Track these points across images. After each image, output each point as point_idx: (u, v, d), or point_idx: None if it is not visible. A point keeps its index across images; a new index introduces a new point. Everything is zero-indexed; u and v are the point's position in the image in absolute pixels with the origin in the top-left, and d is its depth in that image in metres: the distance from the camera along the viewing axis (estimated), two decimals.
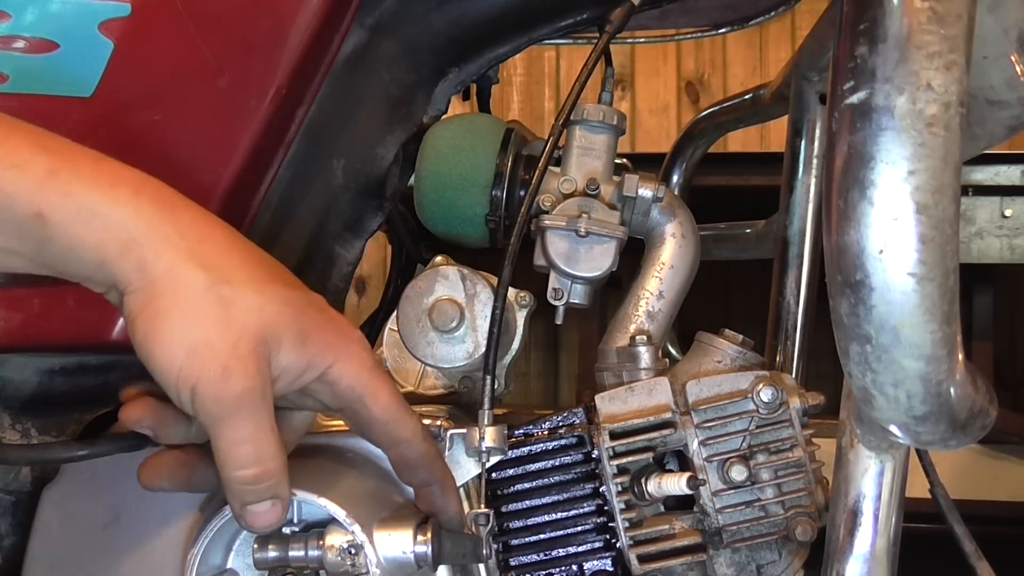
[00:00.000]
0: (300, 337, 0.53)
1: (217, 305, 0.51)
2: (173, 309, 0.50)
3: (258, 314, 0.52)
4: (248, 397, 0.51)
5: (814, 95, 0.87)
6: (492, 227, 0.81)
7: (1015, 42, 0.59)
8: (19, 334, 0.70)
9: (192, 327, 0.50)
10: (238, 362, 0.50)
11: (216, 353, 0.50)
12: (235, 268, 0.52)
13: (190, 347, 0.50)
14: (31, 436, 0.76)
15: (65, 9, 0.65)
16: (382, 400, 0.58)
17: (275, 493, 0.54)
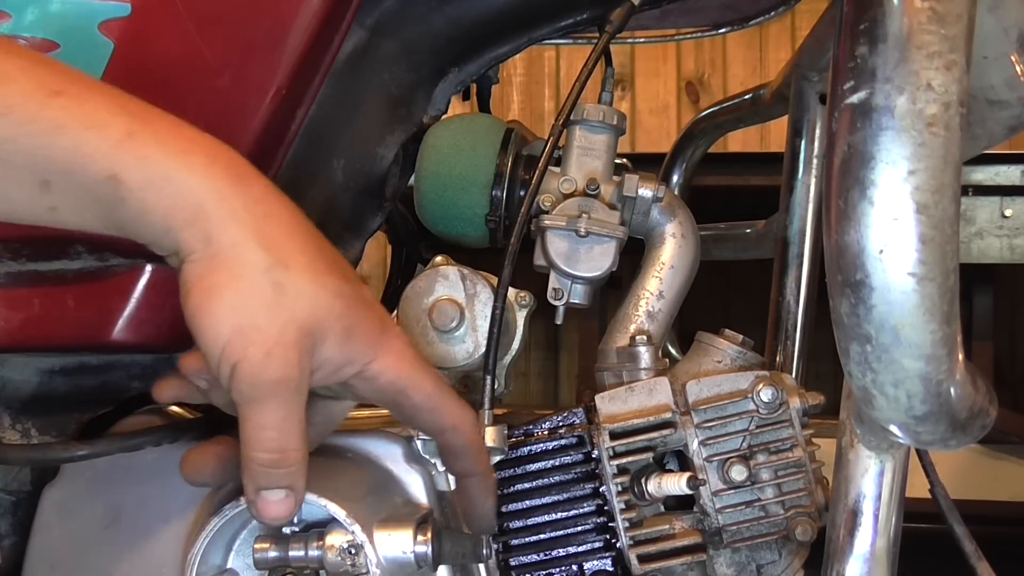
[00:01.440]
0: (346, 332, 0.54)
1: (272, 288, 0.51)
2: (229, 285, 0.51)
3: (310, 304, 0.52)
4: (283, 385, 0.51)
5: (814, 95, 0.87)
6: (492, 227, 0.81)
7: (1015, 42, 0.59)
8: (19, 334, 0.70)
9: (244, 306, 0.51)
10: (281, 349, 0.51)
11: (262, 336, 0.50)
12: (295, 252, 0.53)
13: (238, 326, 0.50)
14: (31, 436, 0.76)
15: (65, 9, 0.65)
16: (425, 389, 0.58)
17: (291, 483, 0.54)
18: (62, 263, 0.71)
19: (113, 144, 0.50)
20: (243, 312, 0.50)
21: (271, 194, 0.54)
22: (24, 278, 0.71)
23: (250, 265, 0.51)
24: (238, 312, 0.50)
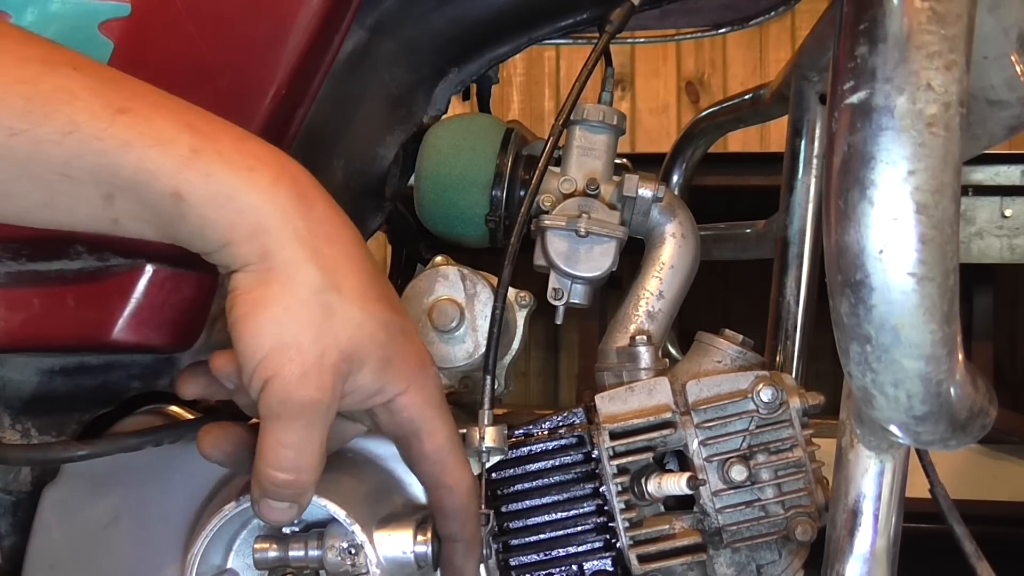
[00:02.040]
0: (383, 362, 0.54)
1: (320, 309, 0.51)
2: (278, 300, 0.51)
3: (355, 331, 0.52)
4: (312, 408, 0.51)
5: (814, 95, 0.87)
6: (492, 227, 0.81)
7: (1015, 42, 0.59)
8: (19, 334, 0.70)
9: (289, 324, 0.51)
10: (318, 371, 0.51)
11: (302, 356, 0.51)
12: (349, 276, 0.53)
13: (280, 342, 0.51)
14: (31, 436, 0.76)
15: (65, 9, 0.65)
16: (437, 439, 0.58)
17: (297, 500, 0.55)
18: (62, 263, 0.71)
19: (178, 162, 0.50)
20: (288, 329, 0.51)
21: (333, 215, 0.55)
22: (24, 278, 0.71)
23: (303, 284, 0.51)
24: (283, 328, 0.51)
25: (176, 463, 0.68)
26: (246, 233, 0.51)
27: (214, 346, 0.77)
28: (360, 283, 0.54)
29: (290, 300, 0.51)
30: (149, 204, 0.51)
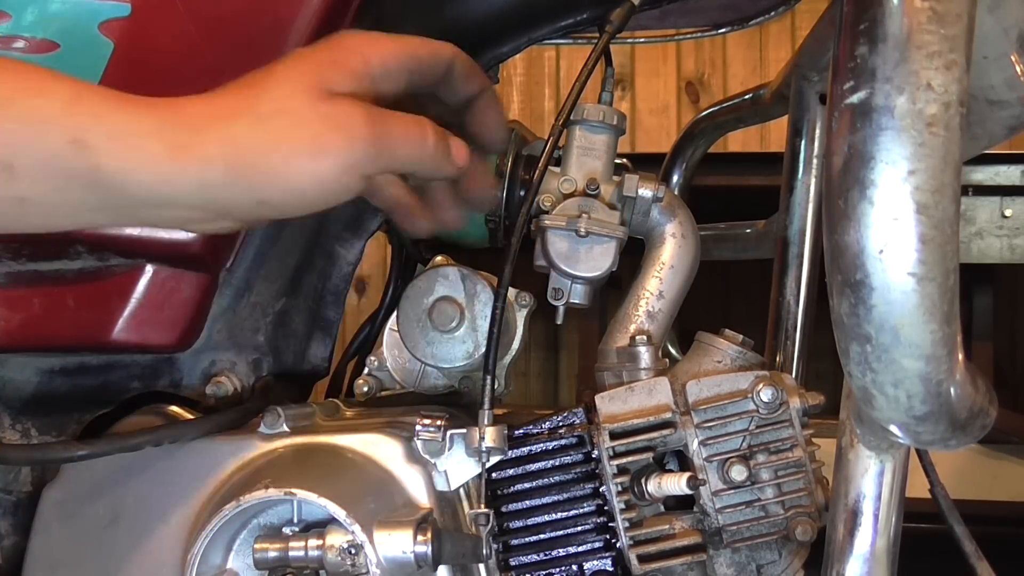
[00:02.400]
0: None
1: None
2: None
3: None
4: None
5: (814, 95, 0.87)
6: (492, 227, 0.81)
7: (1015, 42, 0.59)
8: (19, 334, 0.70)
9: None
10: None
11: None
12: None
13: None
14: (31, 436, 0.76)
15: (65, 9, 0.66)
16: (412, 44, 0.59)
17: None
18: (62, 263, 0.71)
19: (63, 107, 0.49)
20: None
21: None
22: (24, 278, 0.71)
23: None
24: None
25: (176, 463, 0.68)
26: (173, 157, 0.50)
27: (214, 346, 0.77)
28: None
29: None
30: (49, 165, 0.48)
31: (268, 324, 0.80)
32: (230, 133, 0.52)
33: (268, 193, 0.53)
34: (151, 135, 0.50)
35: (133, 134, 0.50)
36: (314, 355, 0.89)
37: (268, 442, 0.68)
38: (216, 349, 0.77)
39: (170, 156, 0.50)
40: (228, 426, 0.70)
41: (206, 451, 0.68)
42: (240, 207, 0.54)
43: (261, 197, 0.53)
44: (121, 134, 0.50)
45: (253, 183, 0.52)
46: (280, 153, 0.52)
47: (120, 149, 0.50)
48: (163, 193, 0.51)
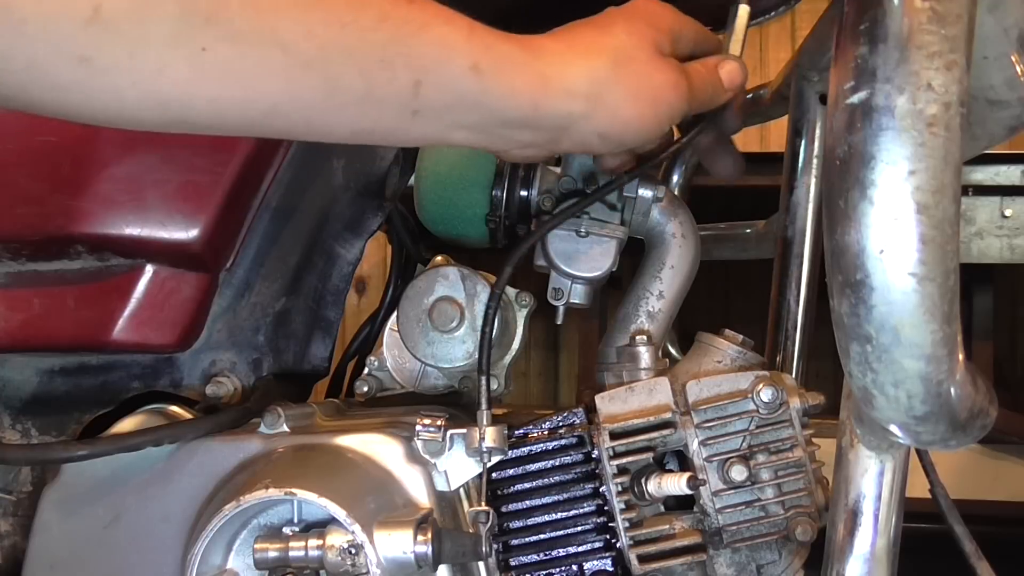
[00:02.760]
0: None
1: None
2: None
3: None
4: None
5: (814, 95, 0.87)
6: (492, 227, 0.81)
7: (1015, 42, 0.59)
8: (19, 334, 0.70)
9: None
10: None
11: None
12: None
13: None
14: (31, 436, 0.76)
15: None
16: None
17: None
18: (62, 263, 0.71)
19: (464, 35, 0.55)
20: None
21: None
22: (24, 278, 0.71)
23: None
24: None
25: (176, 463, 0.69)
26: (543, 87, 0.57)
27: (214, 346, 0.77)
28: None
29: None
30: (450, 86, 0.54)
31: (268, 324, 0.80)
32: (592, 71, 0.59)
33: (609, 126, 0.60)
34: (527, 65, 0.57)
35: (515, 63, 0.56)
36: (314, 355, 0.89)
37: (268, 442, 0.68)
38: (216, 349, 0.77)
39: (542, 85, 0.57)
40: (228, 426, 0.70)
41: (206, 451, 0.68)
42: (581, 135, 0.60)
43: (602, 130, 0.60)
44: (507, 63, 0.56)
45: (602, 117, 0.59)
46: (631, 95, 0.60)
47: (505, 76, 0.56)
48: (530, 117, 0.58)
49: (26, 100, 0.46)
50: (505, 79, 0.56)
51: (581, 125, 0.59)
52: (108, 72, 0.45)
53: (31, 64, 0.44)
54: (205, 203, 0.70)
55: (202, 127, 0.50)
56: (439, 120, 0.56)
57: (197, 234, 0.70)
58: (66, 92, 0.46)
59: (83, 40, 0.44)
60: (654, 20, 0.63)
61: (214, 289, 0.75)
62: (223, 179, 0.70)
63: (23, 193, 0.68)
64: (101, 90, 0.46)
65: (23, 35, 0.43)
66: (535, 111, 0.57)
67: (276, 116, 0.51)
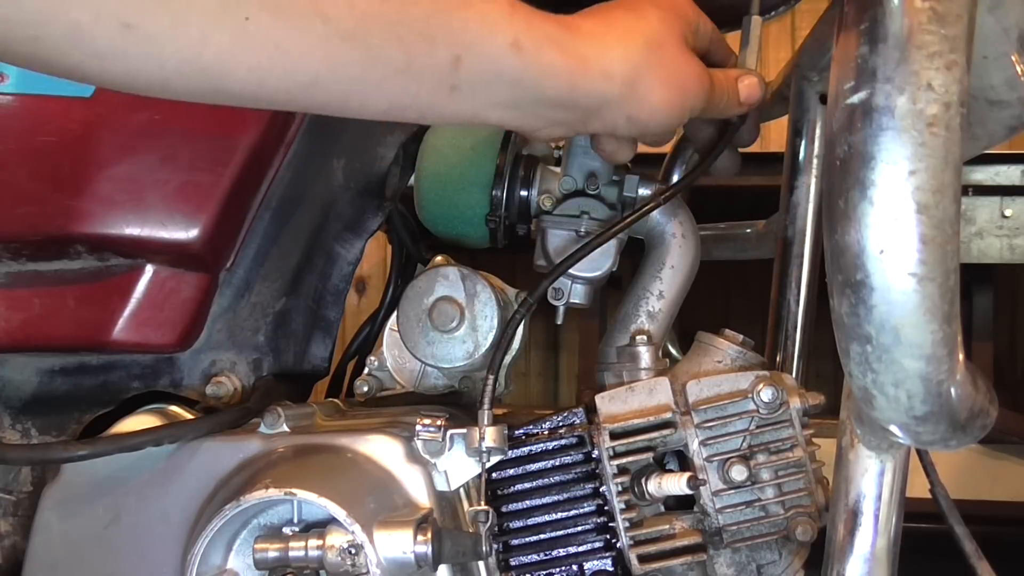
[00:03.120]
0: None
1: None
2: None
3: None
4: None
5: (814, 95, 0.87)
6: (492, 227, 0.81)
7: (1015, 42, 0.59)
8: (19, 334, 0.70)
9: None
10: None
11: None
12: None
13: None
14: (31, 436, 0.76)
15: None
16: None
17: None
18: (62, 263, 0.71)
19: (506, 13, 0.54)
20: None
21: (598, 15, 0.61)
22: (24, 278, 0.71)
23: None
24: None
25: (176, 463, 0.69)
26: (581, 68, 0.57)
27: (214, 346, 0.77)
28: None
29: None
30: (490, 62, 0.54)
31: (268, 324, 0.80)
32: (628, 55, 0.59)
33: (637, 110, 0.61)
34: (567, 44, 0.57)
35: (556, 42, 0.56)
36: (314, 355, 0.89)
37: (268, 442, 0.68)
38: (216, 349, 0.77)
39: (581, 66, 0.57)
40: (228, 426, 0.70)
41: (206, 451, 0.68)
42: (612, 117, 0.61)
43: (632, 113, 0.61)
44: (547, 42, 0.56)
45: (633, 101, 0.60)
46: (662, 81, 0.61)
47: (545, 55, 0.56)
48: (567, 97, 0.58)
49: (65, 66, 0.46)
50: (545, 58, 0.56)
51: (613, 107, 0.60)
52: (151, 39, 0.45)
53: (73, 29, 0.44)
54: (205, 203, 0.70)
55: (240, 97, 0.50)
56: (476, 97, 0.55)
57: (197, 234, 0.70)
58: (107, 59, 0.46)
59: (127, 6, 0.44)
60: (680, 10, 0.64)
61: (214, 289, 0.75)
62: (223, 179, 0.70)
63: (23, 193, 0.68)
64: (143, 57, 0.46)
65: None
66: (572, 91, 0.58)
67: (315, 88, 0.51)
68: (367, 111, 0.54)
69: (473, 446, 0.67)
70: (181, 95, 0.49)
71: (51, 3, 0.43)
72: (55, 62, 0.45)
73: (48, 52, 0.45)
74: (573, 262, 0.73)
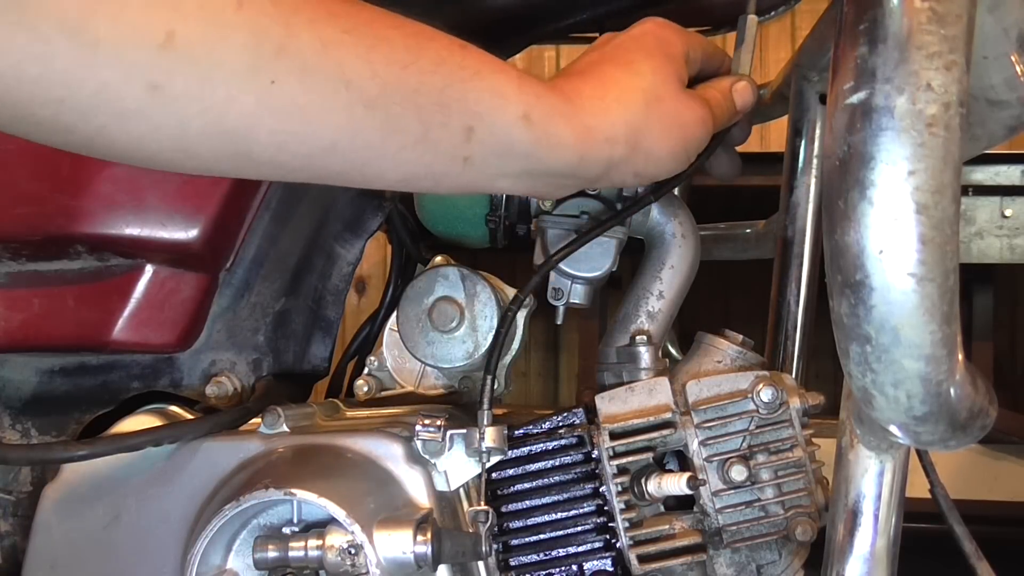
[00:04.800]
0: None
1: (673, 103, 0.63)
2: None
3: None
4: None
5: (814, 95, 0.87)
6: (492, 227, 0.81)
7: (1015, 42, 0.59)
8: (19, 334, 0.70)
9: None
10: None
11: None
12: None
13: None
14: (31, 436, 0.76)
15: None
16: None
17: None
18: (62, 263, 0.71)
19: (515, 85, 0.55)
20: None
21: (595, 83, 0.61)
22: (24, 278, 0.71)
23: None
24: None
25: (176, 463, 0.69)
26: (587, 138, 0.57)
27: (214, 346, 0.77)
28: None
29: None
30: (502, 134, 0.54)
31: (268, 324, 0.80)
32: (629, 117, 0.60)
33: (643, 167, 0.62)
34: (572, 116, 0.57)
35: (562, 115, 0.57)
36: (314, 355, 0.89)
37: (268, 442, 0.68)
38: (216, 349, 0.77)
39: (586, 136, 0.58)
40: (228, 426, 0.70)
41: (206, 451, 0.68)
42: (619, 176, 0.62)
43: (637, 170, 0.62)
44: (554, 115, 0.56)
45: (638, 159, 0.61)
46: (663, 135, 0.61)
47: (554, 128, 0.56)
48: (576, 167, 0.58)
49: (86, 131, 0.45)
50: (553, 131, 0.56)
51: (620, 167, 0.60)
52: (177, 100, 0.45)
53: (101, 89, 0.43)
54: (205, 203, 0.70)
55: (260, 162, 0.49)
56: (487, 167, 0.56)
57: (197, 234, 0.70)
58: (131, 120, 0.45)
59: (155, 66, 0.43)
60: (669, 49, 0.64)
61: (214, 289, 0.75)
62: (223, 179, 0.70)
63: (23, 193, 0.69)
64: (167, 117, 0.45)
65: (96, 58, 0.42)
66: (580, 161, 0.58)
67: (333, 154, 0.50)
68: (382, 180, 0.54)
69: (473, 446, 0.67)
70: (201, 159, 0.48)
71: (81, 63, 0.42)
72: (76, 126, 0.44)
73: (70, 115, 0.44)
74: (563, 256, 0.73)
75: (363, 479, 0.66)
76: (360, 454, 0.67)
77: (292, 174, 0.52)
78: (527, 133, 0.55)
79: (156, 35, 0.43)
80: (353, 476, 0.65)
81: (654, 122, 0.61)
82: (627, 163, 0.60)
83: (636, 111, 0.60)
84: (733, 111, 0.69)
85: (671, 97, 0.62)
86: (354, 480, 0.65)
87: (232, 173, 0.51)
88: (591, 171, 0.60)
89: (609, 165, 0.60)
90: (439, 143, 0.53)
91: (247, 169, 0.50)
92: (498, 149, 0.55)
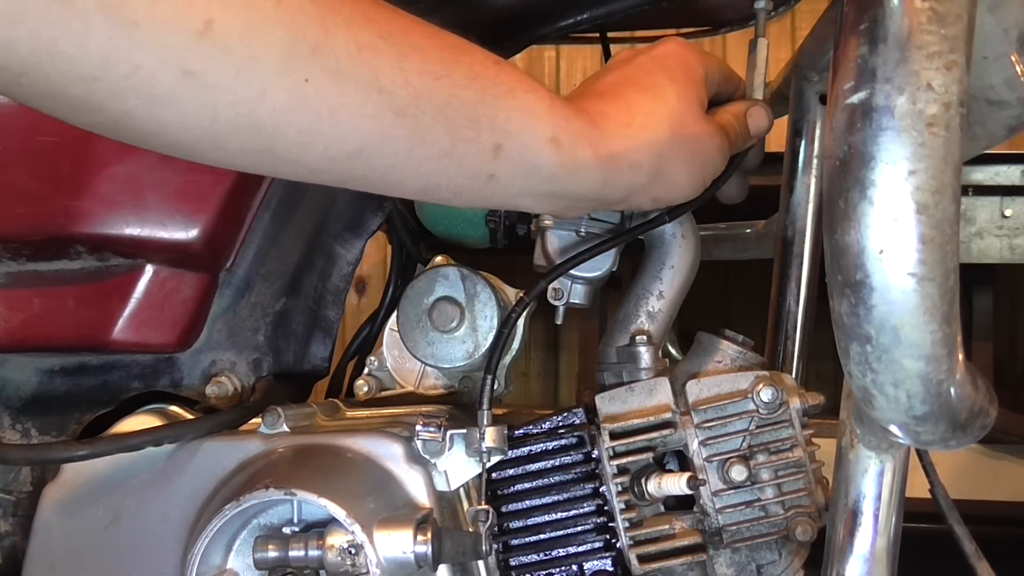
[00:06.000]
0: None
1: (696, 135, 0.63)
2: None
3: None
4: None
5: (814, 95, 0.87)
6: (492, 227, 0.81)
7: (1015, 42, 0.59)
8: (19, 334, 0.70)
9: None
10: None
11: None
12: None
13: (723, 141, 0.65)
14: (31, 436, 0.76)
15: None
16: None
17: None
18: (62, 263, 0.71)
19: (546, 106, 0.55)
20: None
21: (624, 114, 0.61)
22: (24, 278, 0.71)
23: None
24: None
25: (176, 463, 0.69)
26: (612, 164, 0.57)
27: (214, 346, 0.77)
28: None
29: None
30: (530, 154, 0.54)
31: (268, 324, 0.80)
32: (654, 143, 0.59)
33: (663, 193, 0.62)
34: (599, 142, 0.57)
35: (588, 140, 0.56)
36: (314, 355, 0.89)
37: (268, 442, 0.68)
38: (216, 349, 0.77)
39: (611, 162, 0.57)
40: (228, 426, 0.70)
41: (206, 451, 0.68)
42: (638, 200, 0.62)
43: (656, 196, 0.62)
44: (581, 139, 0.56)
45: (659, 186, 0.61)
46: (685, 163, 0.61)
47: (580, 152, 0.56)
48: (599, 192, 0.58)
49: (116, 112, 0.44)
50: (580, 156, 0.56)
51: (640, 193, 0.61)
52: (209, 89, 0.44)
53: (135, 71, 0.43)
54: (205, 203, 0.70)
55: (285, 160, 0.49)
56: (511, 186, 0.55)
57: (197, 234, 0.70)
58: (161, 105, 0.44)
59: (191, 53, 0.43)
60: (692, 73, 0.64)
61: (214, 289, 0.75)
62: (223, 179, 0.70)
63: (23, 193, 0.69)
64: (198, 106, 0.45)
65: (132, 39, 0.42)
66: (603, 186, 0.58)
67: (358, 158, 0.50)
68: (402, 188, 0.54)
69: (473, 446, 0.67)
70: (227, 151, 0.48)
71: (117, 44, 0.42)
72: (105, 107, 0.44)
73: (101, 95, 0.43)
74: (572, 265, 0.73)
75: (363, 479, 0.66)
76: (360, 454, 0.67)
77: (313, 175, 0.51)
78: (554, 156, 0.55)
79: (195, 22, 0.43)
80: (353, 476, 0.65)
81: (677, 151, 0.61)
82: (648, 189, 0.61)
83: (660, 139, 0.60)
84: (747, 136, 0.69)
85: (694, 123, 0.62)
86: (354, 480, 0.65)
87: (254, 169, 0.50)
88: (612, 195, 0.60)
89: (631, 191, 0.60)
90: (465, 157, 0.52)
91: (270, 166, 0.50)
92: (524, 169, 0.55)
